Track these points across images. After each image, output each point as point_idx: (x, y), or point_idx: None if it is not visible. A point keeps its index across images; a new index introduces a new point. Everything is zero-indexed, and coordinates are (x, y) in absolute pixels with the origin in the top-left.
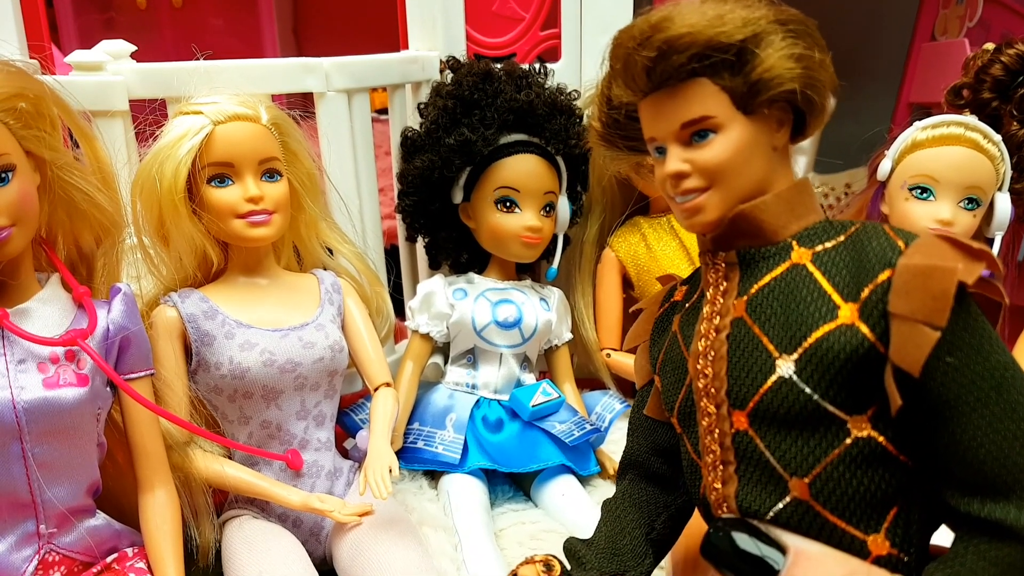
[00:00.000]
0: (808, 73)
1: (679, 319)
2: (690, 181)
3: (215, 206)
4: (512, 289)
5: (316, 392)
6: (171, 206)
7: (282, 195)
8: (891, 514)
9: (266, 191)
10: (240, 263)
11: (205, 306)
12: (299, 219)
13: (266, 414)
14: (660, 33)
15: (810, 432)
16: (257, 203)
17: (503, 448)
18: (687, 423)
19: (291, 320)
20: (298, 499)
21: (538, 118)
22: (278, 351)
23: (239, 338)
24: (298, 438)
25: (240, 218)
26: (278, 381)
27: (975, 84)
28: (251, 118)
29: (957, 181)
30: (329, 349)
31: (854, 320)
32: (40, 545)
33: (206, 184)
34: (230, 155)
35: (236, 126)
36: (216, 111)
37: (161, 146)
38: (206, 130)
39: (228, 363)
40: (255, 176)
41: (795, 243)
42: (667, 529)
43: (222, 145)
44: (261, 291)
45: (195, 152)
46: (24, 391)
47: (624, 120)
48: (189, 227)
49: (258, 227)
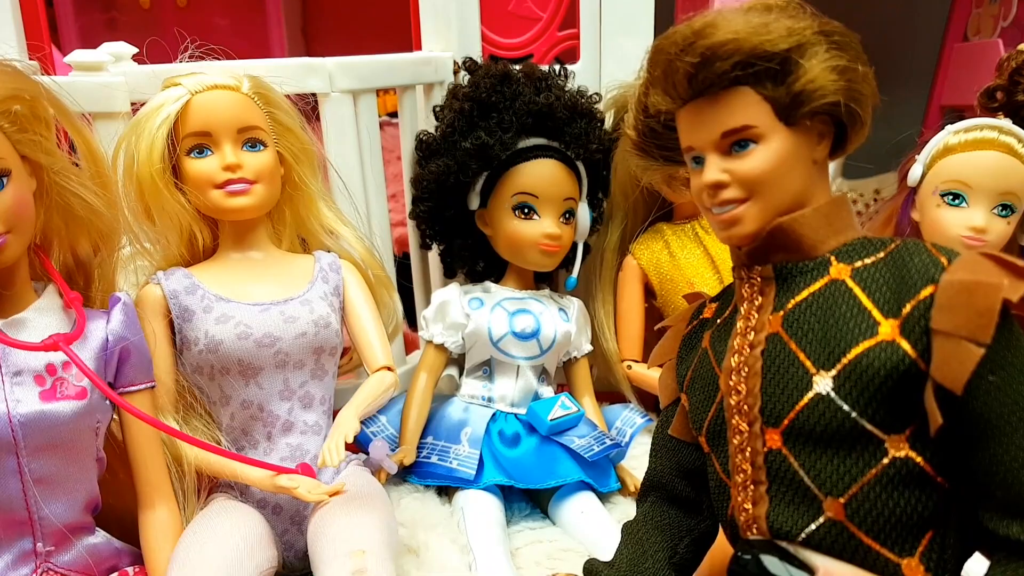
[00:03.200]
0: (851, 86)
1: (710, 335)
2: (728, 192)
3: (193, 177)
4: (530, 299)
5: (300, 371)
6: (148, 179)
7: (264, 165)
8: (926, 538)
9: (246, 160)
10: (230, 239)
11: (187, 282)
12: (296, 197)
13: (246, 393)
14: (704, 39)
15: (847, 451)
16: (234, 171)
17: (520, 463)
18: (716, 442)
19: (275, 295)
20: (266, 481)
21: (558, 122)
22: (255, 324)
23: (216, 311)
24: (281, 419)
25: (218, 188)
26: (255, 356)
27: (1009, 86)
28: (231, 87)
29: (990, 187)
30: (312, 324)
31: (895, 336)
32: (38, 564)
33: (185, 156)
34: (207, 123)
35: (214, 94)
36: (195, 81)
37: (138, 118)
38: (183, 100)
39: (204, 337)
40: (234, 145)
41: (833, 258)
42: (690, 553)
43: (199, 114)
44: (251, 267)
45: (170, 122)
46: (20, 404)
47: (661, 129)
48: (171, 203)
49: (236, 196)
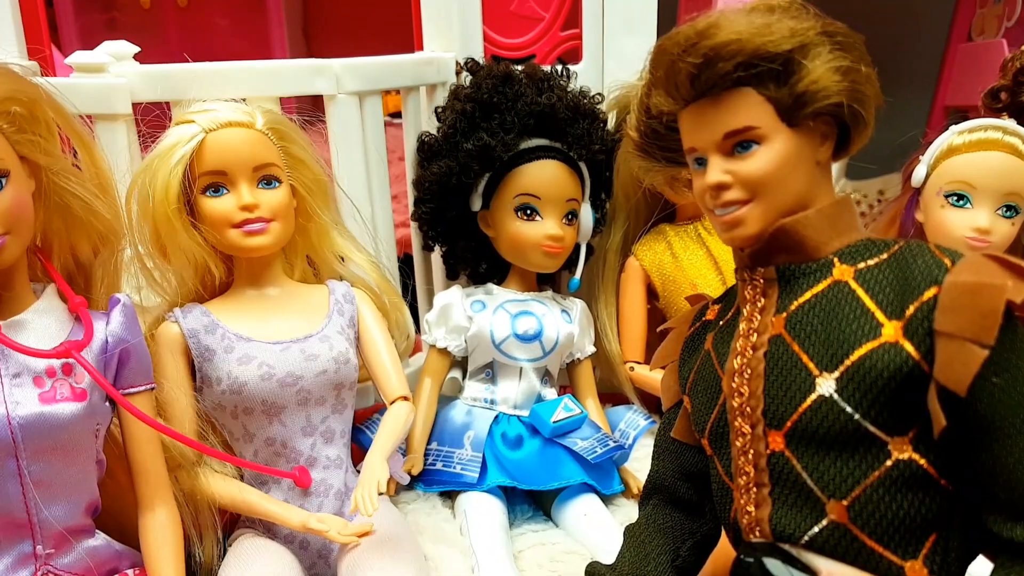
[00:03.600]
0: (854, 87)
1: (712, 337)
2: (731, 193)
3: (210, 216)
4: (532, 300)
5: (322, 407)
6: (164, 219)
7: (281, 203)
8: (930, 540)
9: (263, 199)
10: (245, 275)
11: (206, 320)
12: (309, 228)
13: (269, 431)
14: (707, 40)
15: (849, 453)
16: (252, 211)
17: (523, 465)
18: (719, 444)
19: (294, 332)
20: (296, 519)
21: (560, 122)
22: (277, 364)
23: (238, 352)
24: (305, 455)
25: (235, 228)
26: (279, 396)
27: (1013, 86)
28: (244, 124)
29: (995, 187)
30: (333, 361)
31: (898, 338)
32: (37, 567)
33: (200, 194)
34: (222, 163)
35: (228, 132)
36: (208, 119)
37: (152, 157)
38: (197, 138)
39: (227, 378)
40: (250, 184)
41: (836, 260)
42: (692, 556)
43: (214, 153)
44: (267, 303)
45: (186, 162)
46: (20, 406)
47: (663, 130)
48: (186, 240)
49: (254, 236)
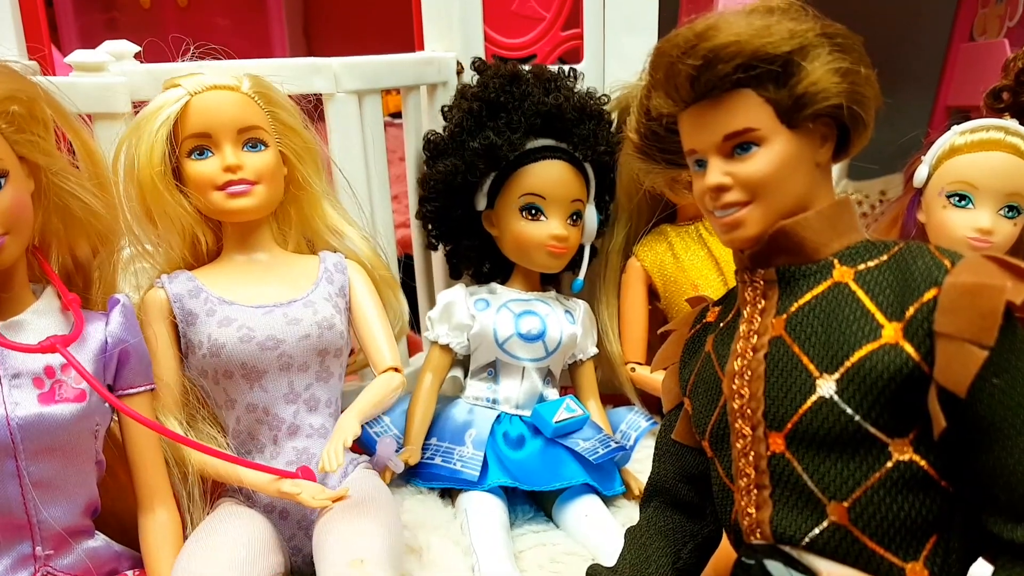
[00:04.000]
0: (854, 88)
1: (713, 339)
2: (731, 195)
3: (194, 179)
4: (536, 300)
5: (305, 373)
6: (149, 182)
7: (266, 165)
8: (931, 542)
9: (247, 161)
10: (233, 241)
11: (191, 285)
12: (300, 197)
13: (250, 396)
14: (706, 42)
15: (850, 455)
16: (235, 172)
17: (524, 465)
18: (719, 446)
19: (278, 297)
20: (271, 487)
21: (566, 123)
22: (258, 327)
23: (219, 315)
24: (287, 423)
25: (219, 190)
26: (259, 359)
27: (1016, 86)
28: (230, 87)
29: (997, 188)
30: (316, 326)
31: (898, 339)
32: (37, 568)
33: (186, 158)
34: (206, 124)
35: (213, 95)
36: (194, 82)
37: (138, 119)
38: (182, 101)
39: (207, 341)
40: (235, 145)
41: (836, 261)
42: (693, 559)
43: (198, 115)
44: (255, 269)
45: (170, 124)
46: (19, 407)
47: (663, 132)
48: (172, 205)
49: (238, 197)
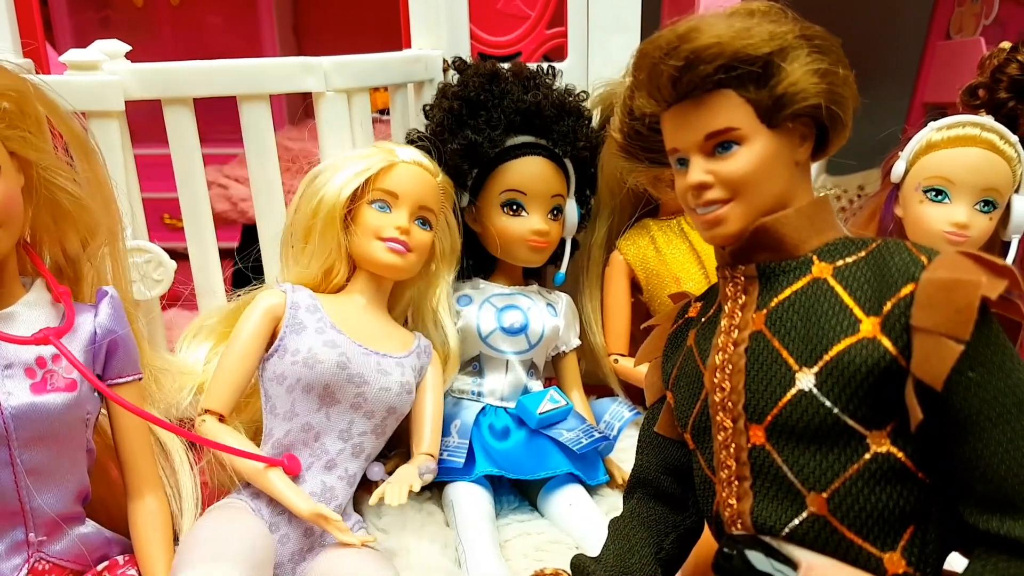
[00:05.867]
0: (832, 89)
1: (695, 334)
2: (712, 192)
3: (366, 223)
4: (518, 294)
5: (368, 420)
6: (329, 209)
7: (424, 242)
8: (908, 532)
9: (414, 231)
10: (360, 286)
11: (310, 302)
12: (426, 279)
13: (313, 417)
14: (687, 43)
15: (828, 447)
16: (403, 234)
17: (510, 456)
18: (701, 439)
19: (379, 347)
20: (306, 506)
21: (546, 120)
22: (355, 361)
23: (327, 335)
24: (329, 456)
25: (381, 240)
26: (341, 389)
27: (991, 84)
28: (431, 171)
29: (973, 183)
30: (399, 385)
31: (876, 334)
32: (30, 553)
33: (367, 204)
34: (399, 187)
35: (415, 169)
36: (407, 153)
37: (346, 157)
38: (389, 160)
39: (306, 351)
40: (411, 216)
41: (815, 258)
42: (676, 549)
43: (396, 177)
44: (367, 316)
45: (370, 173)
46: (11, 396)
47: (646, 132)
48: (333, 237)
49: (393, 254)
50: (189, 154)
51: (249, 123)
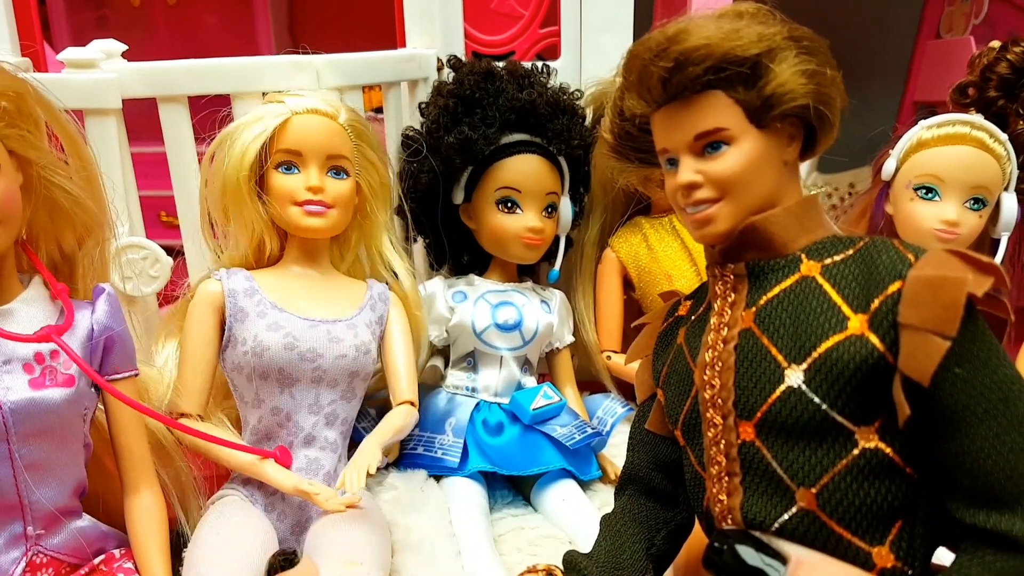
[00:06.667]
0: (820, 89)
1: (685, 332)
2: (702, 192)
3: (276, 190)
4: (513, 291)
5: (333, 390)
6: (234, 183)
7: (344, 192)
8: (896, 527)
9: (328, 185)
10: (295, 253)
11: (247, 284)
12: (364, 225)
13: (278, 400)
14: (677, 45)
15: (817, 442)
16: (316, 193)
17: (503, 451)
18: (692, 435)
19: (326, 314)
20: (289, 483)
21: (540, 118)
22: (302, 338)
23: (269, 318)
24: (305, 431)
25: (297, 205)
26: (296, 368)
27: (981, 82)
28: (329, 115)
29: (963, 181)
30: (354, 349)
31: (864, 331)
32: (28, 547)
33: (273, 169)
34: (299, 144)
35: (312, 118)
36: (298, 102)
37: (237, 124)
38: (282, 117)
39: (252, 340)
40: (320, 169)
41: (804, 256)
42: (667, 545)
43: (294, 133)
44: (308, 283)
45: (267, 135)
46: (10, 392)
47: (636, 132)
48: (249, 208)
49: (312, 216)
50: (184, 152)
51: None
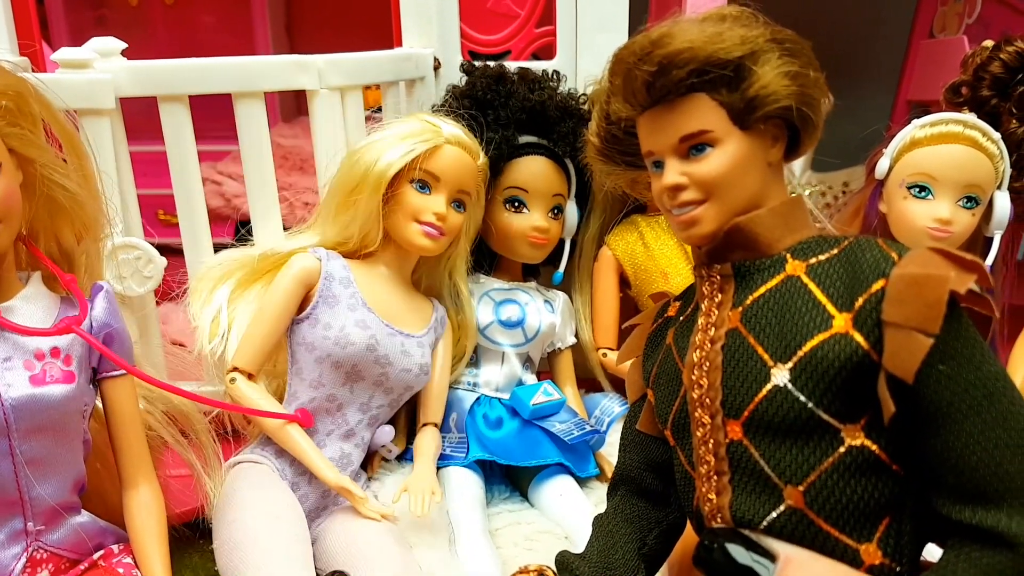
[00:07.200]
0: (803, 91)
1: (673, 332)
2: (687, 194)
3: (405, 204)
4: (517, 290)
5: (386, 396)
6: (374, 184)
7: (458, 224)
8: (883, 524)
9: (450, 215)
10: (389, 258)
11: (344, 274)
12: (451, 252)
13: (338, 390)
14: (660, 49)
15: (804, 441)
16: (440, 220)
17: (502, 444)
18: (681, 435)
19: (404, 326)
20: (334, 478)
21: (549, 120)
22: (383, 343)
23: (359, 314)
24: (349, 426)
25: (419, 223)
26: (368, 368)
27: (974, 82)
28: (473, 153)
29: (956, 179)
30: (419, 367)
31: (848, 329)
32: (28, 543)
33: (409, 183)
34: (442, 171)
35: (458, 151)
36: (451, 132)
37: (394, 133)
38: (435, 141)
39: (339, 329)
40: (448, 198)
41: (789, 256)
42: (659, 544)
43: (441, 160)
44: (392, 289)
45: (417, 154)
46: (11, 388)
47: (622, 135)
48: (373, 208)
49: (428, 238)
50: (184, 151)
51: (243, 120)
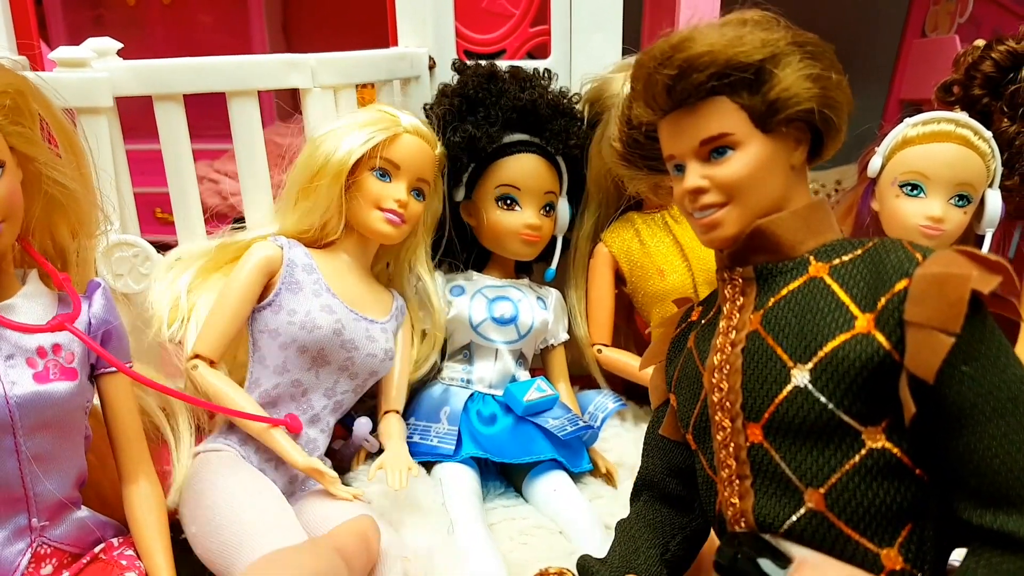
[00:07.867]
0: (825, 93)
1: (695, 336)
2: (708, 197)
3: (367, 192)
4: (510, 287)
5: (351, 381)
6: (334, 173)
7: (418, 212)
8: (905, 530)
9: (411, 203)
10: (350, 246)
11: (307, 261)
12: (409, 240)
13: (303, 375)
14: (681, 53)
15: (824, 443)
16: (401, 207)
17: (496, 440)
18: (702, 439)
19: (367, 312)
20: (303, 460)
21: (540, 118)
22: (348, 327)
23: (323, 299)
24: (314, 411)
25: (380, 210)
26: (334, 353)
27: (965, 80)
28: (431, 143)
29: (948, 178)
30: (383, 352)
31: (870, 329)
32: (32, 538)
33: (369, 171)
34: (402, 159)
35: (418, 141)
36: (410, 122)
37: (353, 122)
38: (394, 130)
39: (304, 314)
40: (408, 186)
41: (812, 258)
42: (682, 551)
43: (400, 149)
44: (355, 276)
45: (376, 142)
46: (16, 386)
47: (644, 140)
48: (334, 197)
49: (390, 225)
50: (179, 149)
51: (238, 119)
